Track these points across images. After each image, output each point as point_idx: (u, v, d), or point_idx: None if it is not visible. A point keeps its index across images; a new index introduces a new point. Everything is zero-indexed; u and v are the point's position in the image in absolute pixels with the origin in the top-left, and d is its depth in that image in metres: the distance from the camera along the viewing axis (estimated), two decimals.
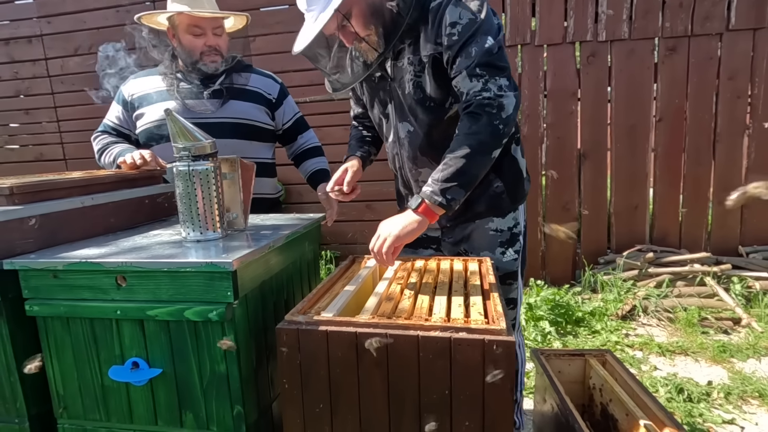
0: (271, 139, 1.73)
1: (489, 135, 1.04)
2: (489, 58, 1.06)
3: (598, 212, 3.24)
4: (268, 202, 1.72)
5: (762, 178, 3.06)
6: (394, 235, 1.02)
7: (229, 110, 1.56)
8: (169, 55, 1.59)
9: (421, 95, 1.18)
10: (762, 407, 1.85)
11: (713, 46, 2.95)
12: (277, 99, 1.68)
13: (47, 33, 3.75)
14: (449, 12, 1.08)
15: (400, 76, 1.19)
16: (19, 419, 0.94)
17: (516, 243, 1.30)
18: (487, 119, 1.03)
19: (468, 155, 1.03)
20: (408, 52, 1.16)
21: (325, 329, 0.82)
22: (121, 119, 1.64)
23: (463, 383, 0.78)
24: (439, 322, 0.82)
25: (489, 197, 1.27)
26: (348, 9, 1.09)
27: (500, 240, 1.28)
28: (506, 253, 1.28)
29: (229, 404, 0.87)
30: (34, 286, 0.89)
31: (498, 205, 1.28)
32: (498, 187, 1.26)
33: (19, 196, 0.96)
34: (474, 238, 1.31)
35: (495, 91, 1.04)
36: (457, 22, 1.07)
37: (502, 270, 1.28)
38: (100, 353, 0.90)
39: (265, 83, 1.68)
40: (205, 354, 0.86)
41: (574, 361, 1.63)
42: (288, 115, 1.72)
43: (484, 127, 1.03)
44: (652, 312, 2.69)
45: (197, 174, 0.99)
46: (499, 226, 1.28)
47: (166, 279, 0.84)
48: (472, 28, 1.06)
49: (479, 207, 1.27)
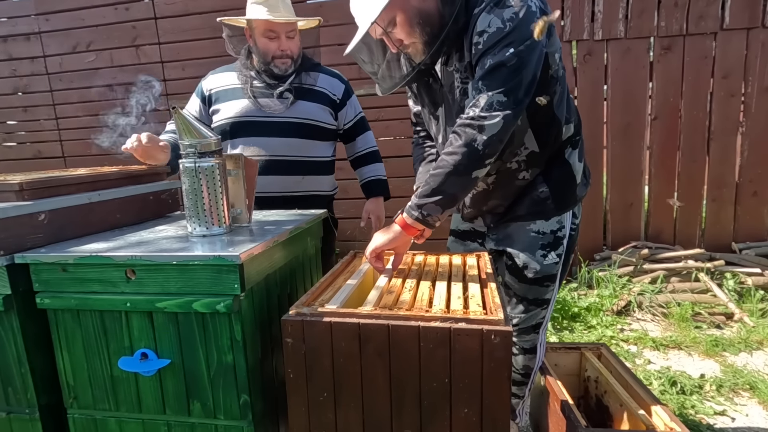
0: (333, 137, 1.77)
1: (466, 156, 1.02)
2: (498, 71, 1.01)
3: (594, 209, 3.28)
4: (325, 199, 1.78)
5: (755, 175, 3.12)
6: (379, 245, 1.10)
7: (296, 110, 1.63)
8: (246, 53, 1.67)
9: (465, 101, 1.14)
10: (752, 399, 1.89)
11: (707, 46, 2.99)
12: (341, 99, 1.73)
13: (45, 30, 3.75)
14: (481, 19, 1.04)
15: (450, 82, 1.17)
16: (29, 409, 0.96)
17: (559, 246, 1.26)
18: (466, 140, 1.02)
19: (444, 174, 1.04)
20: (455, 59, 1.14)
21: (329, 320, 0.85)
22: (198, 112, 1.71)
23: (462, 372, 0.81)
24: (439, 313, 0.84)
25: (531, 201, 1.24)
26: (393, 16, 1.07)
27: (542, 242, 1.25)
28: (548, 256, 1.25)
29: (236, 393, 0.90)
30: (44, 279, 0.92)
31: (541, 210, 1.24)
32: (543, 192, 1.23)
33: (28, 192, 0.98)
34: (515, 239, 1.28)
35: (482, 110, 1.01)
36: (485, 31, 1.03)
37: (541, 272, 1.25)
38: (110, 344, 0.92)
39: (331, 83, 1.72)
40: (212, 345, 0.89)
41: (570, 355, 1.67)
42: (350, 115, 1.77)
43: (461, 148, 1.02)
44: (647, 307, 2.74)
45: (203, 170, 1.01)
46: (541, 229, 1.25)
47: (175, 272, 0.87)
48: (497, 38, 1.02)
49: (520, 210, 1.25)
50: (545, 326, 1.37)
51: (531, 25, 1.01)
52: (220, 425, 0.92)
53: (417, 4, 1.07)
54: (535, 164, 1.22)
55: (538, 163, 1.22)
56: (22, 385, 0.95)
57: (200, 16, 3.54)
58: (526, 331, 1.33)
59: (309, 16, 1.72)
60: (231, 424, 0.91)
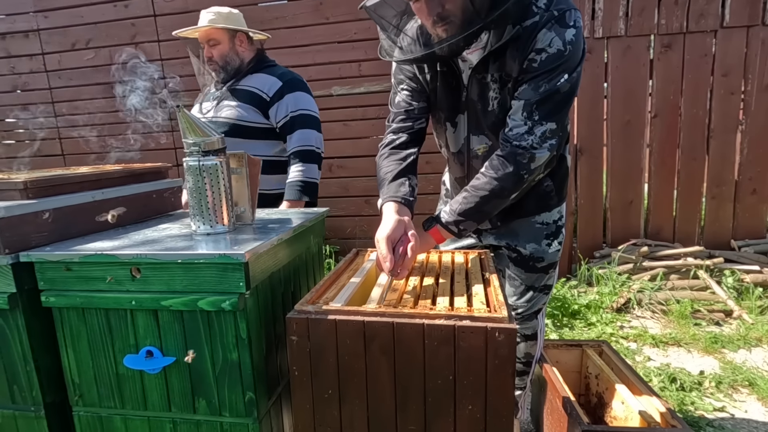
0: (272, 136, 1.76)
1: (512, 184, 1.08)
2: (552, 99, 1.02)
3: (594, 207, 3.29)
4: (267, 198, 1.77)
5: (754, 172, 3.13)
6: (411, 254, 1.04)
7: (220, 111, 1.75)
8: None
9: (503, 116, 1.12)
10: (751, 395, 1.91)
11: (708, 43, 3.00)
12: (272, 97, 1.73)
13: (44, 28, 3.73)
14: (541, 35, 0.99)
15: (480, 90, 1.13)
16: (35, 407, 0.97)
17: (560, 235, 1.34)
18: (515, 169, 1.06)
19: (488, 197, 1.08)
20: (492, 69, 1.09)
21: (334, 318, 0.85)
22: None
23: (467, 369, 0.82)
24: (443, 311, 0.85)
25: (539, 196, 1.29)
26: None
27: (546, 233, 1.31)
28: (552, 244, 1.32)
29: (241, 391, 0.90)
30: (49, 277, 0.92)
31: (547, 204, 1.31)
32: (548, 186, 1.29)
33: (33, 190, 0.98)
34: (520, 233, 1.32)
35: (536, 139, 1.05)
36: (544, 50, 1.00)
37: (547, 260, 1.31)
38: (115, 342, 0.93)
39: (263, 82, 1.74)
40: (217, 342, 0.89)
41: (571, 351, 1.68)
42: (281, 114, 1.74)
43: (511, 176, 1.07)
44: (646, 304, 2.75)
45: (207, 169, 1.01)
46: (545, 220, 1.32)
47: (180, 270, 0.87)
48: (556, 62, 1.00)
49: (529, 206, 1.30)
50: (544, 311, 1.44)
51: (581, 49, 1.03)
52: (226, 422, 0.92)
53: None
54: (551, 165, 1.29)
55: (549, 164, 1.27)
56: (28, 383, 0.96)
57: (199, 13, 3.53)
58: (529, 317, 1.38)
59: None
60: (236, 421, 0.92)
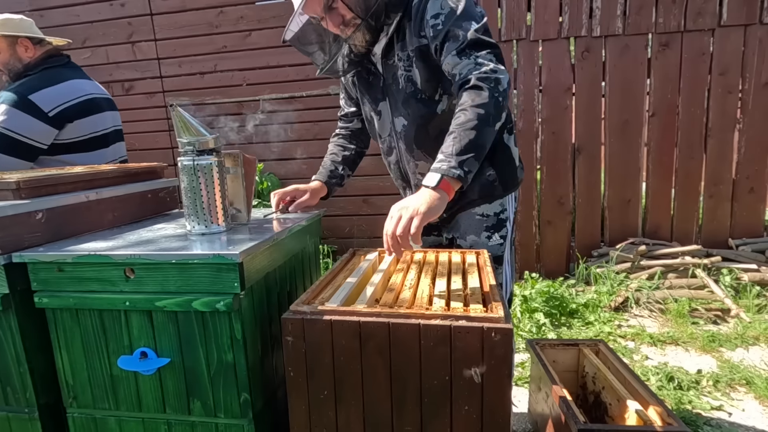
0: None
1: (493, 107, 1.04)
2: (476, 37, 1.08)
3: (592, 206, 3.29)
4: None
5: (752, 171, 3.14)
6: (422, 212, 0.94)
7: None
8: None
9: (412, 88, 1.23)
10: (749, 394, 1.91)
11: (705, 42, 3.00)
12: None
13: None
14: (430, 5, 1.13)
15: (392, 73, 1.24)
16: (28, 409, 0.96)
17: (502, 228, 1.33)
18: (489, 92, 1.04)
19: (477, 126, 1.02)
20: (397, 49, 1.21)
21: (329, 318, 0.84)
22: None
23: (463, 369, 0.81)
24: (439, 311, 0.85)
25: (481, 185, 1.30)
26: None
27: (486, 225, 1.32)
28: (492, 237, 1.32)
29: (236, 392, 0.90)
30: (43, 278, 0.91)
31: (490, 193, 1.30)
32: (490, 175, 1.29)
33: (25, 190, 0.97)
34: (460, 224, 1.34)
35: (490, 66, 1.06)
36: (440, 13, 1.12)
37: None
38: (109, 344, 0.92)
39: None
40: (212, 343, 0.88)
41: (568, 351, 1.68)
42: None
43: (488, 98, 1.04)
44: (644, 303, 2.75)
45: (201, 168, 1.01)
46: (485, 212, 1.32)
47: (174, 271, 0.86)
48: (455, 15, 1.11)
49: (472, 195, 1.30)
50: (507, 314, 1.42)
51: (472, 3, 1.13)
52: (221, 424, 0.92)
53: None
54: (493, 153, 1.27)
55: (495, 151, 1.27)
56: (21, 384, 0.95)
57: (196, 12, 3.52)
58: None
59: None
60: (231, 423, 0.91)
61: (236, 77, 3.57)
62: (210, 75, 3.60)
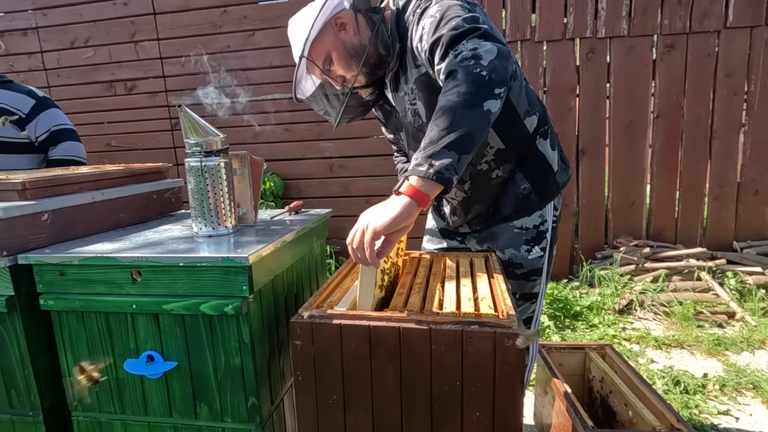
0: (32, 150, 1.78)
1: (470, 83, 0.87)
2: (453, 33, 0.94)
3: (596, 208, 3.28)
4: None
5: (757, 173, 3.12)
6: (379, 228, 0.82)
7: None
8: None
9: (420, 122, 1.17)
10: (756, 398, 1.89)
11: (711, 44, 2.98)
12: (28, 114, 1.75)
13: (43, 25, 3.71)
14: (415, 31, 1.05)
15: (402, 107, 1.20)
16: (33, 412, 0.95)
17: (542, 240, 1.26)
18: (464, 71, 0.88)
19: (452, 109, 0.86)
20: (402, 82, 1.17)
21: (338, 323, 0.83)
22: None
23: (474, 375, 0.80)
24: (450, 316, 0.83)
25: (516, 200, 1.23)
26: (326, 53, 1.12)
27: (525, 238, 1.25)
28: (532, 251, 1.25)
29: (244, 396, 0.89)
30: (48, 280, 0.90)
31: (526, 207, 1.24)
32: (525, 189, 1.23)
33: (31, 191, 0.96)
34: (499, 236, 1.28)
35: (467, 47, 0.91)
36: (422, 35, 1.02)
37: (527, 267, 1.25)
38: (115, 347, 0.91)
39: (16, 99, 1.75)
40: (220, 347, 0.87)
41: (574, 354, 1.66)
42: (42, 129, 1.78)
43: (463, 78, 0.88)
44: (649, 306, 2.74)
45: (208, 170, 1.00)
46: (524, 224, 1.25)
47: (182, 273, 0.85)
48: (435, 26, 0.98)
49: (506, 210, 1.24)
50: (536, 320, 1.37)
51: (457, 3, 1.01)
52: (228, 428, 0.91)
53: (346, 38, 1.12)
54: (506, 161, 1.21)
55: (508, 159, 1.20)
56: (26, 387, 0.94)
57: (199, 11, 3.51)
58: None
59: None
60: (238, 427, 0.90)
61: (239, 77, 3.56)
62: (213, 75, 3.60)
